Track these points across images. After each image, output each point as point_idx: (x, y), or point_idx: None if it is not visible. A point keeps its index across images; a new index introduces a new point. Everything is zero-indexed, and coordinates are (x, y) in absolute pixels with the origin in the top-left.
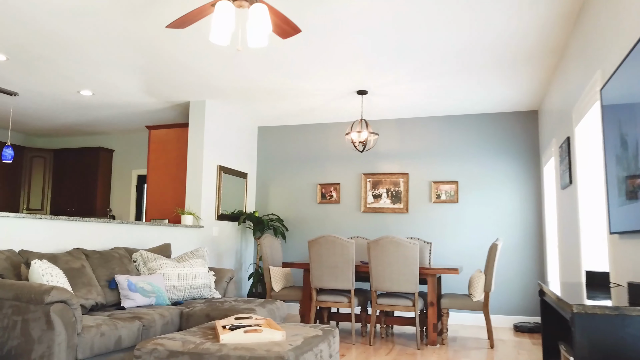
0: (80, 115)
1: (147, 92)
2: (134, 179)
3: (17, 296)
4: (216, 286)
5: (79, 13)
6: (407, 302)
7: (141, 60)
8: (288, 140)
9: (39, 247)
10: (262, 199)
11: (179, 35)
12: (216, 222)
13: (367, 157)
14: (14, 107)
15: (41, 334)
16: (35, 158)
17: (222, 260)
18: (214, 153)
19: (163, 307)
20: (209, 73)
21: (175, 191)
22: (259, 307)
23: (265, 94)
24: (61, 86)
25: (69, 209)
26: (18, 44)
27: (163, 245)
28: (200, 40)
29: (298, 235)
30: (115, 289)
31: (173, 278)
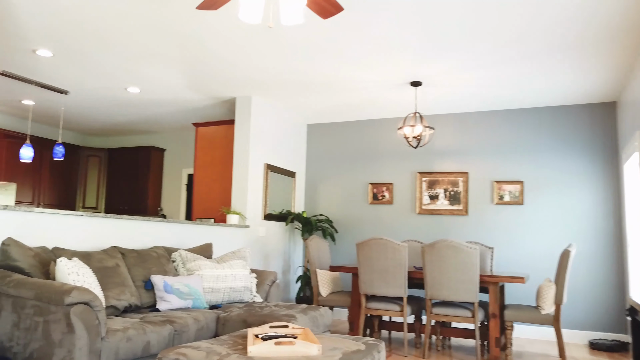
0: (129, 114)
1: (192, 88)
2: (184, 178)
3: (37, 296)
4: (258, 289)
5: (121, 6)
6: (465, 312)
7: (185, 55)
8: (338, 138)
9: (78, 244)
10: (311, 199)
11: (221, 28)
12: (263, 222)
13: (422, 155)
14: (65, 105)
15: (62, 337)
16: (91, 157)
17: (269, 261)
18: (261, 151)
19: (199, 311)
20: (254, 67)
21: (222, 190)
22: (301, 313)
23: (312, 88)
24: (108, 83)
25: (122, 207)
26: (62, 39)
27: (204, 245)
28: (243, 33)
29: (348, 237)
30: (151, 290)
31: (212, 280)
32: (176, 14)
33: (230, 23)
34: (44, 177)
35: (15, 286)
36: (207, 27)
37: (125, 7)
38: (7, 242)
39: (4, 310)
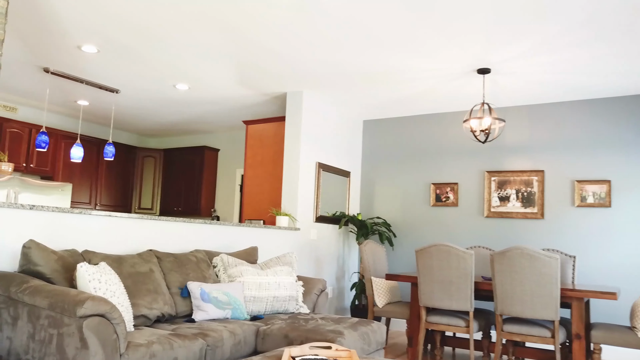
0: (179, 112)
1: (242, 83)
2: (237, 179)
3: (52, 305)
4: (304, 299)
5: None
6: (543, 331)
7: (234, 48)
8: (397, 134)
9: (113, 247)
10: (367, 200)
11: (270, 19)
12: (314, 224)
13: (491, 152)
14: (117, 104)
15: (75, 352)
16: (147, 158)
17: (321, 266)
18: (312, 149)
19: (237, 323)
20: (305, 60)
21: (272, 190)
22: (350, 329)
23: (368, 81)
24: (156, 79)
25: (176, 208)
26: (107, 34)
27: (249, 249)
28: (294, 23)
29: (407, 242)
30: (188, 298)
31: (253, 287)
32: (223, 4)
33: (281, 12)
34: (101, 178)
35: (30, 294)
36: (257, 18)
37: (172, 3)
38: (28, 245)
39: (20, 319)
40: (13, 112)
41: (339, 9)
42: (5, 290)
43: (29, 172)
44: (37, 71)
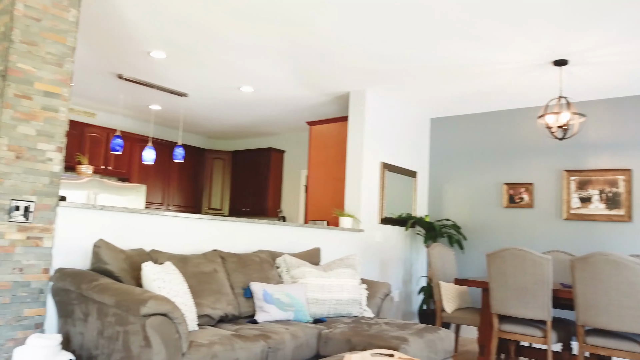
0: (245, 114)
1: (304, 84)
2: (302, 180)
3: (118, 303)
4: (368, 302)
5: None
6: (633, 346)
7: (296, 49)
8: (466, 132)
9: (180, 247)
10: (435, 201)
11: (334, 15)
12: (379, 226)
13: (570, 150)
14: (186, 108)
15: (140, 350)
16: (216, 160)
17: (386, 270)
18: (376, 149)
19: (299, 325)
20: (368, 56)
21: (335, 191)
22: (415, 336)
23: (435, 76)
24: (222, 83)
25: (244, 209)
26: (174, 40)
27: (312, 250)
28: (356, 18)
29: (478, 245)
30: (250, 299)
31: (316, 290)
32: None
33: (345, 7)
34: (173, 179)
35: (99, 291)
36: (318, 14)
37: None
38: (99, 244)
39: (91, 316)
40: (92, 117)
41: (404, 1)
42: (77, 287)
43: (107, 174)
44: (112, 78)
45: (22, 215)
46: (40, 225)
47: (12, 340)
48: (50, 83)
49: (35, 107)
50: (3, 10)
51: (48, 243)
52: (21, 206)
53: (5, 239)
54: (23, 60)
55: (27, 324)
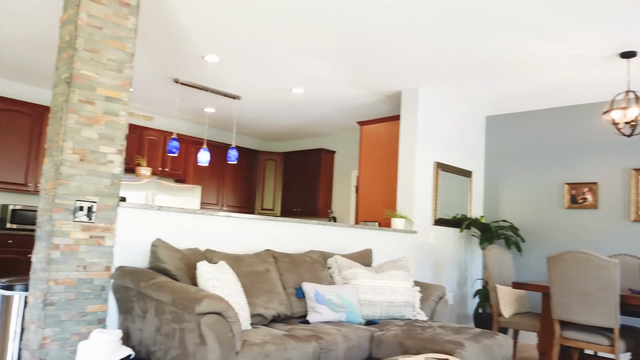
0: (296, 116)
1: (355, 83)
2: (353, 180)
3: (174, 301)
4: (422, 305)
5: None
6: None
7: (346, 48)
8: (524, 130)
9: (233, 247)
10: (491, 202)
11: (385, 13)
12: (433, 227)
13: (637, 147)
14: (239, 110)
15: (195, 348)
16: (268, 161)
17: (440, 272)
18: (429, 148)
19: (351, 327)
20: (421, 53)
21: (387, 192)
22: (471, 341)
23: (490, 73)
24: (274, 85)
25: (296, 209)
26: (227, 44)
27: (364, 252)
28: (408, 15)
29: (537, 248)
30: (302, 299)
31: (368, 291)
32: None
33: (394, 4)
34: (227, 180)
35: (156, 289)
36: (370, 13)
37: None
38: (156, 244)
39: (149, 313)
40: (150, 121)
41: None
42: (136, 285)
43: (164, 176)
44: (169, 82)
45: (85, 215)
46: (102, 225)
47: (76, 335)
48: (111, 88)
49: (98, 112)
50: (68, 20)
51: (109, 242)
52: (85, 206)
53: (70, 238)
54: (86, 67)
55: (90, 319)
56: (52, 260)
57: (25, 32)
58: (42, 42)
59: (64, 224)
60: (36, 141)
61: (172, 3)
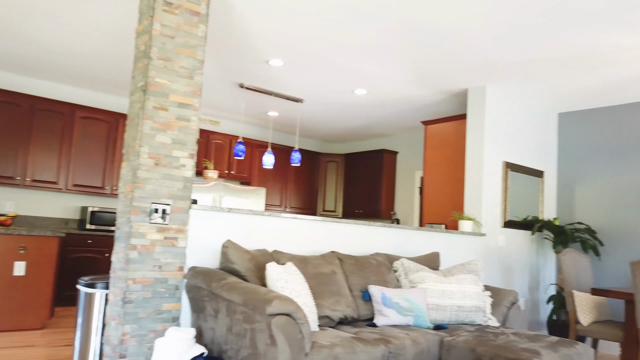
0: (359, 117)
1: (419, 83)
2: (417, 181)
3: (245, 302)
4: (493, 310)
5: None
6: None
7: (409, 46)
8: (601, 127)
9: (298, 248)
10: (565, 203)
11: (450, 10)
12: (502, 229)
13: None
14: (301, 113)
15: (266, 348)
16: (330, 163)
17: (510, 277)
18: (497, 147)
19: (419, 331)
20: (489, 49)
21: (453, 193)
22: (548, 349)
23: (563, 67)
24: (336, 87)
25: (357, 211)
26: (291, 48)
27: (431, 255)
28: (472, 10)
29: (618, 252)
30: (369, 302)
31: (436, 295)
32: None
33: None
34: (290, 182)
35: (228, 290)
36: (435, 9)
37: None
38: (227, 245)
39: (220, 312)
40: (216, 125)
41: None
42: (208, 285)
43: (231, 178)
44: (234, 87)
45: (160, 217)
46: (175, 227)
47: (153, 332)
48: (183, 95)
49: (171, 118)
50: (143, 30)
51: (182, 243)
52: (159, 209)
53: (146, 239)
54: (160, 75)
55: (165, 317)
56: (130, 260)
57: (102, 44)
58: (117, 53)
59: (141, 226)
60: (112, 147)
61: (238, 10)
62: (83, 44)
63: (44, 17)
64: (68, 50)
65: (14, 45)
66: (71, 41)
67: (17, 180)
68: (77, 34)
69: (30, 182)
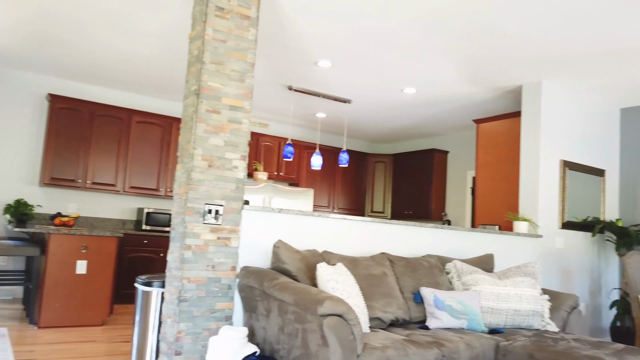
0: (408, 116)
1: (470, 80)
2: (468, 181)
3: (296, 302)
4: (551, 315)
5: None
6: None
7: (461, 43)
8: None
9: (348, 249)
10: (629, 203)
11: (503, 3)
12: (560, 231)
13: None
14: (348, 113)
15: (317, 349)
16: (378, 163)
17: (569, 280)
18: (554, 145)
19: (474, 335)
20: (545, 42)
21: (507, 193)
22: (614, 357)
23: (626, 59)
24: (385, 87)
25: (406, 212)
26: (340, 48)
27: (484, 257)
28: (526, 3)
29: None
30: (421, 304)
31: (491, 298)
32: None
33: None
34: (337, 183)
35: (279, 289)
36: (487, 4)
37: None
38: (278, 245)
39: (272, 312)
40: (266, 128)
41: None
42: (260, 285)
43: (279, 179)
44: (283, 89)
45: (213, 217)
46: (228, 227)
47: (207, 330)
48: (234, 98)
49: (223, 120)
50: (196, 36)
51: (235, 243)
52: (213, 209)
53: (200, 239)
54: (212, 79)
55: (219, 316)
56: (185, 259)
57: (157, 50)
58: (170, 58)
59: (195, 226)
60: (165, 150)
61: (287, 12)
62: (139, 50)
63: (103, 27)
64: (125, 57)
65: (76, 54)
66: (128, 49)
67: (78, 183)
68: (133, 41)
69: (90, 184)
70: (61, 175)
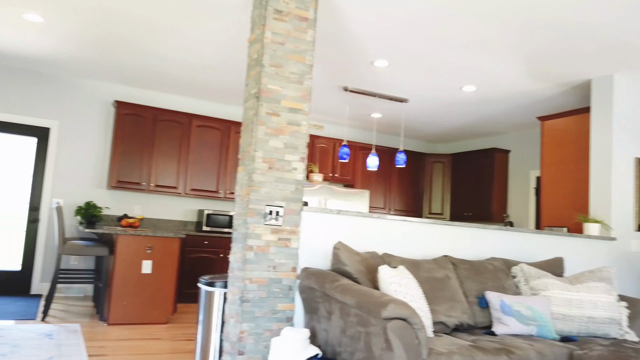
0: (467, 114)
1: (533, 75)
2: (532, 181)
3: (359, 304)
4: (630, 323)
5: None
6: None
7: (522, 37)
8: None
9: (409, 251)
10: None
11: None
12: (635, 233)
13: None
14: (405, 113)
15: (381, 352)
16: (435, 164)
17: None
18: (629, 143)
19: (544, 342)
20: (616, 34)
21: (576, 193)
22: None
23: None
24: (443, 85)
25: (466, 213)
26: (396, 46)
27: (553, 260)
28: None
29: None
30: (486, 309)
31: (562, 304)
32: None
33: None
34: (393, 184)
35: (341, 292)
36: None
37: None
38: (338, 246)
39: (334, 314)
40: (320, 130)
41: None
42: (321, 286)
43: (335, 181)
44: (338, 91)
45: (274, 219)
46: (288, 228)
47: (269, 331)
48: (293, 100)
49: (282, 123)
50: (255, 39)
51: (295, 244)
52: (273, 211)
53: (261, 240)
54: (272, 82)
55: (280, 317)
56: (247, 260)
57: (217, 55)
58: (229, 63)
59: (257, 227)
60: (224, 153)
61: (344, 12)
62: (200, 56)
63: (165, 34)
64: (186, 63)
65: (139, 62)
66: (189, 55)
67: (142, 185)
68: (194, 47)
69: (154, 187)
70: (127, 178)
